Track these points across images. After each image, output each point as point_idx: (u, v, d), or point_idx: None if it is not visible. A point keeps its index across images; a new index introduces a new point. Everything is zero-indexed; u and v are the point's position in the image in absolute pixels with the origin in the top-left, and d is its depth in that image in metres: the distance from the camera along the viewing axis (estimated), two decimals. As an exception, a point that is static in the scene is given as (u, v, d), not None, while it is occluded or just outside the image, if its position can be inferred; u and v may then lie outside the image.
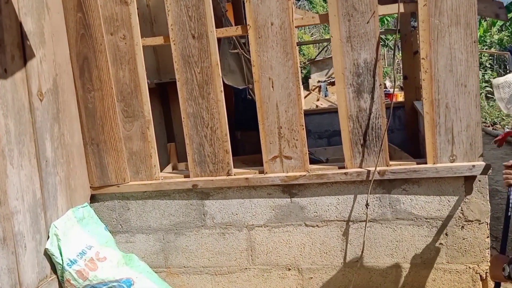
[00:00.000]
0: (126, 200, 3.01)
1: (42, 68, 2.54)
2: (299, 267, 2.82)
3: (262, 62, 2.66)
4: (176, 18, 2.75)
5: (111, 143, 2.95)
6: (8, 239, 2.18)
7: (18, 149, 2.29)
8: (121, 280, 2.63)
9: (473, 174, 2.42)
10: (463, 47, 2.36)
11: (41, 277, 2.44)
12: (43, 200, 2.49)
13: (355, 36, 2.50)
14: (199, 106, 2.80)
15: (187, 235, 2.95)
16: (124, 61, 2.87)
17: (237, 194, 2.84)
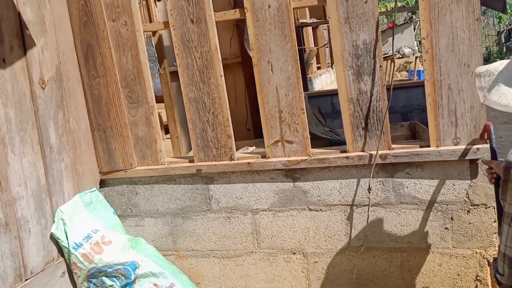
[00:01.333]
0: (134, 184, 3.10)
1: (43, 56, 2.62)
2: (304, 251, 2.85)
3: (260, 45, 2.66)
4: (175, 2, 2.77)
5: (117, 129, 3.03)
6: (11, 224, 2.31)
7: (19, 136, 2.40)
8: (126, 263, 2.73)
9: (478, 157, 2.37)
10: (465, 25, 2.29)
11: (48, 260, 2.57)
12: (48, 185, 2.60)
13: (353, 17, 2.46)
14: (200, 91, 2.83)
15: (194, 219, 3.02)
16: (127, 48, 2.93)
17: (240, 179, 2.88)
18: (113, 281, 2.74)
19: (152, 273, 2.76)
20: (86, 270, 2.71)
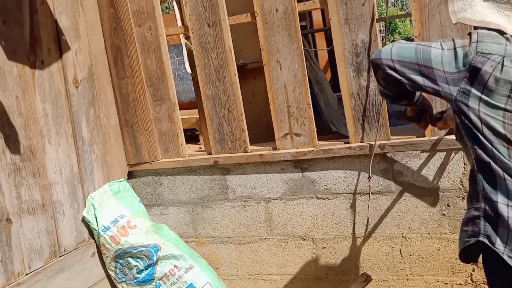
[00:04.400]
0: (159, 176, 3.43)
1: (77, 59, 3.00)
2: (313, 237, 3.10)
3: (269, 46, 2.95)
4: (193, 9, 3.09)
5: (143, 125, 3.37)
6: (47, 206, 2.68)
7: (55, 129, 2.78)
8: (149, 245, 3.06)
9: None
10: (453, 24, 2.50)
11: (79, 241, 2.94)
12: (80, 174, 2.97)
13: (352, 18, 2.72)
14: (216, 89, 3.14)
15: (212, 207, 3.31)
16: (151, 50, 3.27)
17: (254, 170, 3.16)
18: (137, 262, 3.07)
19: (173, 256, 3.07)
20: (113, 251, 3.05)
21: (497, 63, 1.49)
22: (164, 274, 3.03)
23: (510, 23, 1.55)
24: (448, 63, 1.55)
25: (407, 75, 1.61)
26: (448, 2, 1.70)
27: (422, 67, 1.58)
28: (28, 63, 2.67)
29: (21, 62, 2.62)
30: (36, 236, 2.63)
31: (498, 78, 1.49)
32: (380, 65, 1.65)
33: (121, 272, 3.09)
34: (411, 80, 1.61)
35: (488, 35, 1.54)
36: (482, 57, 1.51)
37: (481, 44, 1.52)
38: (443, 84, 1.57)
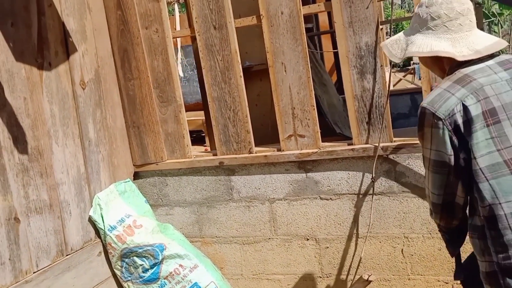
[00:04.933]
0: (165, 176, 3.45)
1: (84, 61, 3.04)
2: (316, 237, 3.12)
3: (275, 48, 2.97)
4: (200, 11, 3.12)
5: (149, 126, 3.40)
6: (54, 205, 2.72)
7: (62, 130, 2.81)
8: (155, 244, 3.08)
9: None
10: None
11: (86, 240, 2.97)
12: (87, 174, 3.00)
13: (356, 21, 2.73)
14: (222, 91, 3.16)
15: (217, 208, 3.34)
16: (158, 52, 3.30)
17: (258, 170, 3.18)
18: (143, 261, 3.10)
19: (178, 255, 3.10)
20: (119, 250, 3.08)
21: (462, 108, 1.55)
22: (169, 273, 3.06)
23: (454, 46, 1.64)
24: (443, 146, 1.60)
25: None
26: (384, 50, 1.81)
27: (448, 169, 1.62)
28: (36, 65, 2.71)
29: (29, 64, 2.65)
30: (44, 235, 2.66)
31: (471, 118, 1.55)
32: None
33: (127, 271, 3.12)
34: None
35: (436, 98, 1.60)
36: (450, 116, 1.57)
37: (438, 111, 1.58)
38: (462, 159, 1.60)
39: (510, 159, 1.52)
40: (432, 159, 1.63)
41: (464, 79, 1.60)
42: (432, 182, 1.68)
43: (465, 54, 1.64)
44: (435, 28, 1.68)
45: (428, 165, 1.67)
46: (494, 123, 1.54)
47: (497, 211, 1.51)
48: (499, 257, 1.53)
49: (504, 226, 1.51)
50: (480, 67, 1.63)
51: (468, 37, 1.66)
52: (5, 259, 2.42)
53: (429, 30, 1.69)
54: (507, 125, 1.55)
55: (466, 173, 1.59)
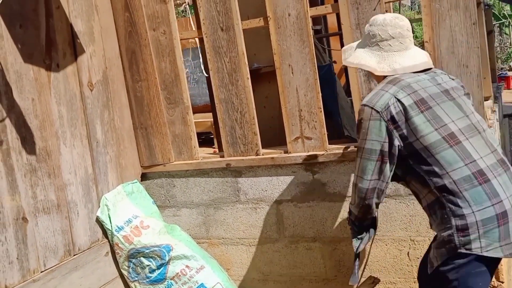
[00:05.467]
0: (172, 178, 3.46)
1: (92, 62, 3.06)
2: (323, 240, 3.11)
3: (282, 50, 2.97)
4: (207, 13, 3.13)
5: (157, 127, 3.42)
6: (62, 206, 2.75)
7: (70, 131, 2.84)
8: (162, 245, 3.10)
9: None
10: (463, 29, 2.51)
11: (93, 240, 2.99)
12: (95, 175, 3.02)
13: (363, 23, 2.72)
14: (229, 92, 3.17)
15: (224, 209, 3.34)
16: (165, 54, 3.31)
17: (265, 172, 3.18)
18: (150, 261, 3.11)
19: (185, 256, 3.11)
20: (126, 250, 3.10)
21: (395, 101, 1.88)
22: (175, 273, 3.07)
23: (379, 62, 2.03)
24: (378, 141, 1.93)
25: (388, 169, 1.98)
26: (342, 54, 2.21)
27: (380, 156, 1.93)
28: (44, 66, 2.73)
29: (37, 65, 2.68)
30: (51, 235, 2.69)
31: (405, 108, 1.86)
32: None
33: (133, 271, 3.13)
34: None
35: (374, 97, 1.94)
36: (385, 108, 1.89)
37: (375, 106, 1.91)
38: (396, 146, 1.91)
39: (447, 135, 1.82)
40: (366, 148, 1.93)
41: (394, 80, 1.95)
42: (362, 168, 1.97)
43: (385, 70, 2.01)
44: (371, 45, 2.07)
45: (362, 154, 1.97)
46: (426, 109, 1.86)
47: (446, 180, 1.79)
48: (456, 219, 1.77)
49: (455, 190, 1.78)
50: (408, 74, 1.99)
51: (393, 56, 2.01)
52: (13, 258, 2.45)
53: (367, 46, 2.09)
54: (438, 109, 1.87)
55: (395, 158, 1.92)
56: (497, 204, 1.75)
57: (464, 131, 1.85)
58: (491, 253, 1.75)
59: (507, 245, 1.76)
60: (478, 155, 1.81)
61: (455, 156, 1.80)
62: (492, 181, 1.78)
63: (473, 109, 1.99)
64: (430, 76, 2.01)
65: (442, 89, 1.96)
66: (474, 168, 1.79)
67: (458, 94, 1.99)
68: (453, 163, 1.80)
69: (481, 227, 1.74)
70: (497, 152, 1.88)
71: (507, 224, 1.76)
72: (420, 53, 2.08)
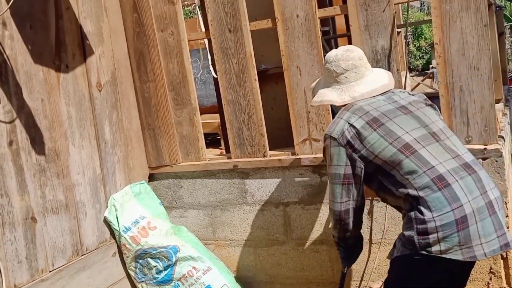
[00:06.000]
0: (179, 179, 3.49)
1: (101, 63, 3.10)
2: (330, 242, 3.12)
3: (290, 51, 2.99)
4: (215, 14, 3.16)
5: (164, 128, 3.45)
6: (70, 206, 2.78)
7: (79, 132, 2.88)
8: (168, 246, 3.12)
9: (485, 156, 2.57)
10: (474, 31, 2.52)
11: (101, 240, 3.02)
12: (103, 175, 3.06)
13: (372, 25, 2.74)
14: (237, 94, 3.19)
15: (231, 211, 3.37)
16: (173, 55, 3.35)
17: (273, 174, 3.20)
18: (157, 262, 3.14)
19: (191, 257, 3.13)
20: (133, 251, 3.13)
21: (348, 126, 2.02)
22: (182, 275, 3.10)
23: (340, 95, 2.18)
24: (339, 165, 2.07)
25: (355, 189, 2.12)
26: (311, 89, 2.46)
27: (346, 179, 2.07)
28: (54, 67, 2.78)
29: (47, 66, 2.72)
30: (60, 235, 2.72)
31: (357, 130, 1.99)
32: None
33: (140, 272, 3.17)
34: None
35: (331, 126, 2.10)
36: (341, 135, 2.03)
37: (333, 133, 2.07)
38: (359, 167, 2.04)
39: (402, 147, 1.92)
40: (333, 173, 2.08)
41: (347, 106, 2.11)
42: (333, 192, 2.10)
43: (345, 100, 2.16)
44: (330, 80, 2.23)
45: (330, 179, 2.11)
46: (379, 127, 1.97)
47: (409, 188, 1.88)
48: (417, 224, 1.86)
49: (416, 198, 1.86)
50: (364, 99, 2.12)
51: (352, 87, 2.15)
52: (22, 257, 2.49)
53: (327, 82, 2.26)
54: (391, 124, 1.97)
55: (361, 179, 2.05)
56: (457, 209, 1.80)
57: (420, 140, 1.93)
58: (450, 255, 1.81)
59: (467, 248, 1.80)
60: (436, 161, 1.88)
61: (413, 165, 1.88)
62: (452, 185, 1.83)
63: (436, 119, 2.07)
64: (386, 96, 2.12)
65: (398, 105, 2.06)
66: (432, 174, 1.85)
67: (417, 107, 2.07)
68: (412, 173, 1.88)
69: (440, 232, 1.80)
70: (461, 157, 1.93)
71: (467, 228, 1.80)
72: (379, 76, 2.21)
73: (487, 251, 1.81)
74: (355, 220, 2.18)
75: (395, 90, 2.19)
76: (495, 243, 1.82)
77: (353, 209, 2.13)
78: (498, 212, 1.87)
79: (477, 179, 1.88)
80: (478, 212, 1.82)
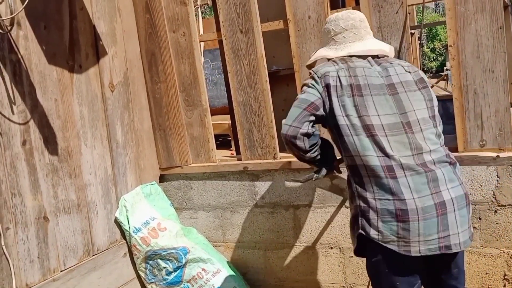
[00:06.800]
0: (189, 180, 3.54)
1: (113, 63, 3.16)
2: (340, 246, 3.15)
3: (301, 53, 3.03)
4: (226, 15, 3.20)
5: (175, 129, 3.50)
6: (82, 206, 2.84)
7: (91, 132, 2.93)
8: (178, 248, 3.17)
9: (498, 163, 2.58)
10: (489, 33, 2.53)
11: (112, 241, 3.08)
12: (114, 176, 3.11)
13: (385, 26, 2.77)
14: (247, 95, 3.23)
15: (241, 213, 3.40)
16: (184, 56, 3.39)
17: (283, 176, 3.23)
18: (166, 264, 3.19)
19: (201, 259, 3.18)
20: (144, 252, 3.18)
21: (336, 75, 2.01)
22: (192, 276, 3.14)
23: (336, 53, 2.16)
24: (313, 94, 2.05)
25: (309, 119, 2.05)
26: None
27: (312, 106, 2.03)
28: (67, 67, 2.84)
29: (61, 66, 2.78)
30: (71, 235, 2.78)
31: (341, 85, 1.99)
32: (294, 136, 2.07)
33: (150, 273, 3.21)
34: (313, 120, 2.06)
35: (321, 66, 2.09)
36: (324, 76, 2.03)
37: (317, 72, 2.07)
38: (324, 111, 2.04)
39: (364, 125, 1.93)
40: (300, 97, 2.06)
41: (345, 60, 2.09)
42: (289, 114, 2.05)
43: (341, 55, 2.14)
44: (328, 41, 2.22)
45: (295, 103, 2.07)
46: (358, 95, 1.97)
47: (358, 161, 1.92)
48: (360, 201, 1.92)
49: (364, 174, 1.91)
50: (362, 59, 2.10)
51: (349, 46, 2.14)
52: (34, 257, 2.54)
53: (325, 44, 2.25)
54: (369, 99, 1.96)
55: (321, 120, 2.06)
56: (398, 200, 1.83)
57: (386, 128, 1.93)
58: (388, 245, 1.85)
59: (404, 242, 1.83)
60: (392, 153, 1.89)
61: (369, 145, 1.90)
62: (399, 179, 1.85)
63: (419, 107, 2.01)
64: (382, 67, 2.08)
65: (389, 82, 2.03)
66: (384, 162, 1.87)
67: (406, 89, 2.03)
68: (367, 150, 1.90)
69: (380, 215, 1.85)
70: (421, 156, 1.91)
71: (407, 223, 1.82)
72: (379, 43, 2.19)
73: (422, 249, 1.83)
74: (306, 142, 2.09)
75: (393, 61, 2.13)
76: (434, 243, 1.83)
77: (299, 137, 2.04)
78: (454, 212, 1.87)
79: (432, 178, 1.87)
80: (423, 211, 1.82)
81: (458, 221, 1.87)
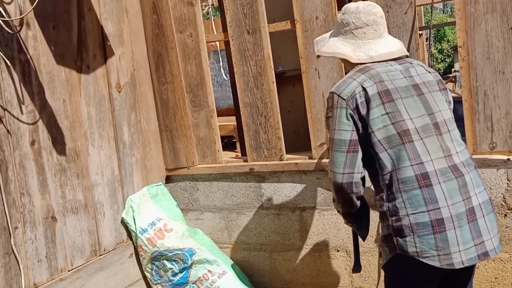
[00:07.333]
0: (195, 181, 3.56)
1: (120, 64, 3.19)
2: (347, 249, 3.16)
3: (308, 53, 3.05)
4: (233, 16, 3.23)
5: (181, 130, 3.53)
6: (89, 206, 2.87)
7: (98, 132, 2.97)
8: (184, 249, 3.19)
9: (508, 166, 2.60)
10: (500, 34, 2.55)
11: (118, 241, 3.11)
12: (121, 176, 3.15)
13: (394, 27, 2.79)
14: (254, 96, 3.26)
15: (247, 214, 3.42)
16: (191, 57, 3.42)
17: (289, 178, 3.25)
18: (172, 265, 3.21)
19: (207, 260, 3.20)
20: (150, 252, 3.20)
21: (361, 90, 1.90)
22: (198, 278, 3.16)
23: (355, 50, 2.04)
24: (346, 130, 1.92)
25: (357, 158, 1.94)
26: (314, 45, 2.23)
27: (351, 146, 1.92)
28: (75, 68, 2.87)
29: (69, 67, 2.82)
30: (79, 235, 2.82)
31: (368, 97, 1.89)
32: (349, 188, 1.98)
33: (156, 274, 3.24)
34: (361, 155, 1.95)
35: (342, 85, 1.96)
36: (351, 97, 1.90)
37: (342, 94, 1.93)
38: (362, 136, 1.93)
39: (401, 131, 1.85)
40: (336, 138, 1.93)
41: (364, 69, 1.97)
42: (334, 161, 1.94)
43: (361, 58, 2.02)
44: (345, 33, 2.08)
45: (332, 145, 1.95)
46: (388, 102, 1.88)
47: (393, 177, 1.83)
48: (392, 220, 1.84)
49: (396, 190, 1.83)
50: (380, 64, 2.00)
51: (369, 44, 2.03)
52: (42, 256, 2.58)
53: (341, 34, 2.10)
54: (400, 103, 1.89)
55: (363, 148, 1.92)
56: (433, 210, 1.78)
57: (420, 130, 1.87)
58: (427, 260, 1.78)
59: (445, 255, 1.77)
60: (427, 157, 1.84)
61: (405, 154, 1.83)
62: (434, 187, 1.80)
63: (444, 107, 1.98)
64: (404, 67, 2.01)
65: (413, 82, 1.97)
66: (418, 170, 1.81)
67: (430, 89, 1.98)
68: (401, 161, 1.83)
69: (415, 230, 1.78)
70: (452, 158, 1.88)
71: (444, 232, 1.77)
72: (394, 41, 2.11)
73: (464, 259, 1.77)
74: (358, 193, 2.01)
75: (413, 61, 2.08)
76: (473, 251, 1.79)
77: (356, 183, 1.94)
78: (483, 217, 1.84)
79: (463, 184, 1.84)
80: (457, 218, 1.79)
81: (488, 226, 1.84)
